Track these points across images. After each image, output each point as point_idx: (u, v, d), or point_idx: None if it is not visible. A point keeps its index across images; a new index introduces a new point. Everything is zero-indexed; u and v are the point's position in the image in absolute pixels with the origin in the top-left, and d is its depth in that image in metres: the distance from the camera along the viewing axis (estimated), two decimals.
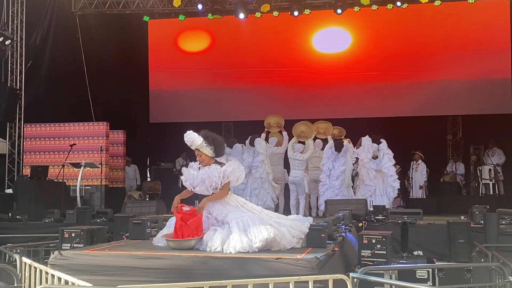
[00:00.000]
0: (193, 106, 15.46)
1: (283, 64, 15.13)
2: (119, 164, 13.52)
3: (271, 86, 15.12)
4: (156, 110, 15.65)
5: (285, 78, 15.11)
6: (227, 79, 15.35)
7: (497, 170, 12.94)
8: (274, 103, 14.94)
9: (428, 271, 5.94)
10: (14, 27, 13.36)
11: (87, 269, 4.59)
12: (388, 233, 6.11)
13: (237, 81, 15.34)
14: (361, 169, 10.29)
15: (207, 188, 5.26)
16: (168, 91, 15.69)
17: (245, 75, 15.27)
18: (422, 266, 6.15)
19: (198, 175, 5.30)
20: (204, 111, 15.32)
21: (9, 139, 13.32)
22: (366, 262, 5.72)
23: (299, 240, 5.17)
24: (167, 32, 15.69)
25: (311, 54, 15.09)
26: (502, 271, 5.08)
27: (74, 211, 8.66)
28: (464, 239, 6.79)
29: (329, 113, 14.58)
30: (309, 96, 14.94)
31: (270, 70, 15.18)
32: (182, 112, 15.46)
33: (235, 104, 15.40)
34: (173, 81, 15.64)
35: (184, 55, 15.65)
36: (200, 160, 5.34)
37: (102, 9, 14.65)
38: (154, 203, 10.34)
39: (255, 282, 3.69)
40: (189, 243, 5.01)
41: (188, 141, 5.30)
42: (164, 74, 15.61)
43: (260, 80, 15.21)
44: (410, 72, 14.42)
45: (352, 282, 4.02)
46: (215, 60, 15.41)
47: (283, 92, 15.07)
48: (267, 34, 15.10)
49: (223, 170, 5.22)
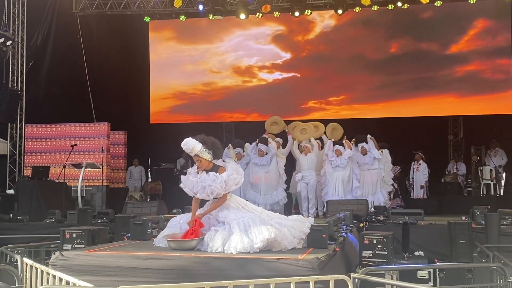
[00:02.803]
0: (194, 106, 15.47)
1: (283, 63, 15.14)
2: (120, 164, 13.52)
3: (271, 86, 15.12)
4: (157, 110, 15.65)
5: (285, 78, 15.11)
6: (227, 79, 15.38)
7: (498, 171, 12.93)
8: (274, 102, 14.95)
9: (429, 272, 5.95)
10: (15, 28, 13.38)
11: (88, 270, 4.59)
12: (389, 233, 6.11)
13: (238, 81, 15.36)
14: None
15: (207, 195, 5.25)
16: (169, 91, 15.69)
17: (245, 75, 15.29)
18: (423, 267, 6.15)
19: (198, 182, 5.28)
20: (205, 111, 15.33)
21: (10, 140, 13.35)
22: (367, 263, 5.73)
23: (300, 241, 5.17)
24: (168, 32, 15.70)
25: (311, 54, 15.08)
26: (503, 271, 5.08)
27: (75, 212, 8.67)
28: (465, 240, 6.80)
29: (329, 113, 14.61)
30: (309, 96, 14.95)
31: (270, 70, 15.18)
32: (183, 112, 15.47)
33: (236, 104, 15.40)
34: (174, 81, 15.64)
35: (184, 55, 15.65)
36: (200, 165, 5.31)
37: (103, 9, 14.65)
38: (155, 203, 10.32)
39: (256, 282, 3.69)
40: (190, 244, 5.02)
41: (187, 149, 5.27)
42: (165, 75, 15.62)
43: (260, 80, 15.21)
44: (410, 72, 14.41)
45: (353, 282, 4.02)
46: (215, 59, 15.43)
47: (284, 92, 15.07)
48: (267, 34, 15.11)
49: (224, 180, 5.18)
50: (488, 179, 12.75)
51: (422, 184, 12.66)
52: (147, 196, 14.22)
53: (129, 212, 9.16)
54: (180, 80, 15.61)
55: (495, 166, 12.85)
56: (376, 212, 8.74)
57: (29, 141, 12.80)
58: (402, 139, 13.70)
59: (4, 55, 12.84)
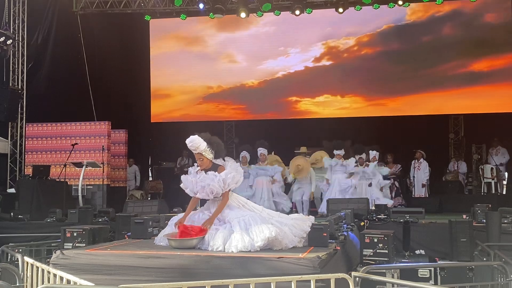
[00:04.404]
0: (195, 105, 15.47)
1: (284, 63, 15.14)
2: (120, 163, 13.53)
3: (272, 85, 15.11)
4: (157, 109, 15.65)
5: (286, 78, 15.11)
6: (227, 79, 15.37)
7: (499, 169, 12.91)
8: (275, 103, 14.95)
9: (430, 270, 5.94)
10: (16, 26, 13.38)
11: (89, 269, 4.60)
12: (390, 232, 6.10)
13: (238, 81, 15.35)
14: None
15: (207, 194, 5.26)
16: (170, 90, 15.69)
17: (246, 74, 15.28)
18: (424, 265, 6.15)
19: (198, 183, 5.30)
20: (205, 111, 15.32)
21: (11, 139, 13.35)
22: (368, 261, 5.71)
23: (301, 239, 5.17)
24: (168, 31, 15.69)
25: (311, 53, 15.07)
26: (504, 269, 5.08)
27: (76, 211, 8.66)
28: (466, 238, 6.78)
29: (329, 113, 14.61)
30: (308, 96, 14.94)
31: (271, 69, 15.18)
32: (183, 111, 15.47)
33: (236, 104, 15.40)
34: (174, 80, 15.64)
35: (185, 54, 15.64)
36: (201, 164, 5.34)
37: (104, 8, 14.65)
38: (156, 202, 10.32)
39: (257, 281, 3.69)
40: (191, 242, 5.02)
41: (192, 146, 5.29)
42: (165, 73, 15.62)
43: (260, 79, 15.21)
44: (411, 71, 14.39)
45: (354, 281, 4.02)
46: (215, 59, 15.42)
47: (284, 91, 15.07)
48: (267, 33, 15.09)
49: (222, 179, 5.19)
50: (489, 178, 12.74)
51: (423, 183, 12.65)
52: (148, 195, 14.22)
53: (129, 211, 9.16)
54: (180, 79, 15.60)
55: (496, 165, 12.84)
56: (377, 211, 8.74)
57: (29, 140, 12.81)
58: (403, 137, 13.69)
59: (4, 54, 12.83)
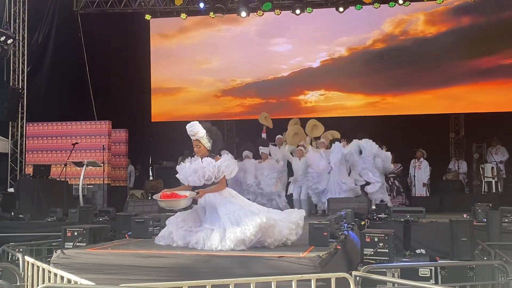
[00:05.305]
0: (195, 105, 15.46)
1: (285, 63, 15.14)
2: (121, 162, 13.52)
3: (273, 85, 15.11)
4: (158, 108, 15.65)
5: (286, 77, 15.10)
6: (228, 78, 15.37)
7: (499, 168, 12.90)
8: (276, 103, 14.93)
9: (430, 269, 5.95)
10: (16, 26, 13.38)
11: (89, 268, 4.60)
12: (390, 231, 6.10)
13: (238, 81, 15.34)
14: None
15: (199, 178, 5.28)
16: (170, 89, 15.69)
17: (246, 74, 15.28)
18: (424, 264, 6.16)
19: (191, 166, 5.36)
20: (206, 110, 15.32)
21: (12, 138, 13.36)
22: (368, 261, 5.71)
23: (292, 231, 5.18)
24: (168, 30, 15.68)
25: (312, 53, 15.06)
26: (505, 269, 5.08)
27: (76, 210, 8.66)
28: (466, 237, 6.77)
29: (328, 112, 14.59)
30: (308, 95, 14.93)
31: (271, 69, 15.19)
32: (184, 111, 15.46)
33: (236, 103, 15.39)
34: (174, 79, 15.64)
35: (185, 54, 15.63)
36: (198, 150, 5.42)
37: (104, 8, 14.66)
38: (156, 202, 10.31)
39: (258, 280, 3.70)
40: (178, 203, 5.17)
41: (191, 131, 5.38)
42: (165, 73, 15.61)
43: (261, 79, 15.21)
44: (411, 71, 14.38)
45: (355, 280, 4.02)
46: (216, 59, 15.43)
47: (285, 91, 15.07)
48: (267, 32, 15.10)
49: (217, 165, 5.28)
50: (489, 177, 12.72)
51: (424, 182, 12.64)
52: (148, 194, 14.22)
53: (130, 210, 9.17)
54: (181, 78, 15.60)
55: (495, 163, 12.83)
56: (378, 210, 8.73)
57: (30, 139, 12.81)
58: (403, 137, 13.67)
59: (5, 53, 12.83)
